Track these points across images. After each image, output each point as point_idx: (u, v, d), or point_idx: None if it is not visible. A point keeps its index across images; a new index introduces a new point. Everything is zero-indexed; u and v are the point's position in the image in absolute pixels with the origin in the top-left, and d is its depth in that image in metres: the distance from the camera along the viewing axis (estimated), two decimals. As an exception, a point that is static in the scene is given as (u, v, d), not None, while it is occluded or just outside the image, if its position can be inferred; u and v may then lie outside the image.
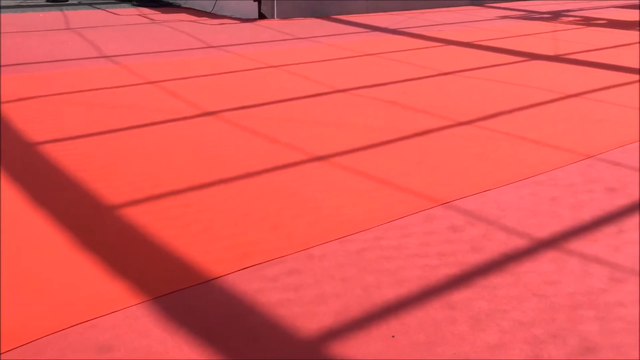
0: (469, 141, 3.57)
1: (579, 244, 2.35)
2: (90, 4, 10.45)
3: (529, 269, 2.15)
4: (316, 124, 3.88)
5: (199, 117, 4.01)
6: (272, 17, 8.86)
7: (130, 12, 9.49)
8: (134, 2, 10.65)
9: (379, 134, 3.68)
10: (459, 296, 1.98)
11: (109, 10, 9.74)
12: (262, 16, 8.80)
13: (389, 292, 2.00)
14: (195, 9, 9.91)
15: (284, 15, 8.94)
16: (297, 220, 2.54)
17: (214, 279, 2.07)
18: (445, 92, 4.72)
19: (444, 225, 2.51)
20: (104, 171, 3.05)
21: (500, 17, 9.19)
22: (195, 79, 5.11)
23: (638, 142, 3.52)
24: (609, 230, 2.46)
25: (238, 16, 9.06)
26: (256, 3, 8.75)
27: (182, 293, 1.98)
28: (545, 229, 2.48)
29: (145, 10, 9.75)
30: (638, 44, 6.72)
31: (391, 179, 2.99)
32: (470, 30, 7.88)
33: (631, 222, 2.54)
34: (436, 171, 3.11)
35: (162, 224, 2.47)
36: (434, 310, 1.90)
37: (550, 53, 6.25)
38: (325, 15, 9.19)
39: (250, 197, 2.76)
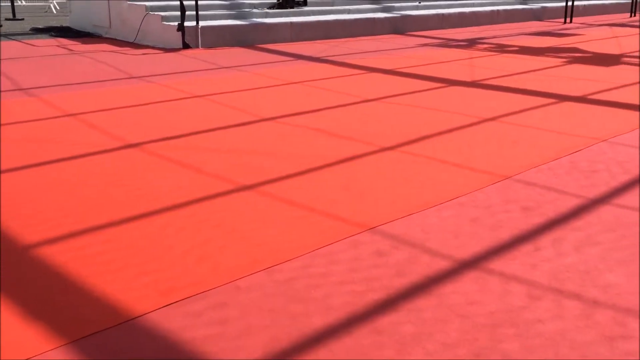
0: (394, 166, 3.65)
1: (498, 263, 2.43)
2: (5, 35, 10.06)
3: (452, 290, 2.21)
4: (242, 153, 3.87)
5: (121, 150, 3.91)
6: (197, 46, 8.82)
7: (48, 43, 9.20)
8: (52, 33, 10.35)
9: (305, 162, 3.70)
10: (386, 321, 2.00)
11: (26, 41, 9.41)
12: (186, 46, 8.74)
13: (317, 321, 1.99)
14: (117, 39, 9.72)
15: (208, 45, 8.92)
16: (223, 251, 2.51)
17: (136, 317, 2.00)
18: (369, 118, 4.82)
19: (370, 251, 2.54)
20: (20, 209, 2.91)
21: (420, 45, 9.52)
22: (117, 110, 4.99)
23: (550, 163, 3.70)
24: (526, 249, 2.57)
25: (161, 46, 8.95)
26: (180, 32, 8.68)
27: (102, 334, 1.90)
28: (467, 250, 2.55)
29: (64, 41, 9.48)
30: (547, 69, 7.11)
31: (318, 207, 3.00)
32: (392, 57, 8.11)
33: (546, 239, 2.66)
34: (362, 197, 3.16)
35: (82, 262, 2.37)
36: (361, 336, 1.91)
37: (468, 79, 6.51)
38: (250, 45, 9.23)
39: (174, 230, 2.70)
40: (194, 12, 8.81)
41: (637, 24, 13.14)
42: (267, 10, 10.26)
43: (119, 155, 3.81)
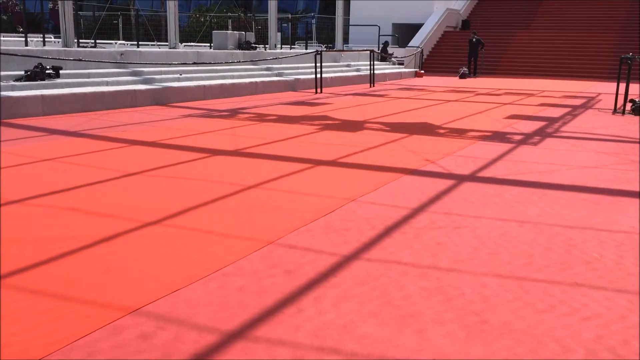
0: (157, 241, 3.55)
1: (265, 330, 2.48)
2: None
3: (220, 365, 2.18)
4: (-18, 242, 3.44)
5: None
6: None
7: None
8: None
9: (59, 246, 3.42)
10: (151, 410, 1.89)
11: None
12: None
13: None
14: None
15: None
16: (-44, 361, 2.16)
17: None
18: (131, 193, 4.66)
19: (133, 335, 2.40)
20: None
21: (183, 115, 9.59)
22: None
23: (309, 225, 3.94)
24: (290, 311, 2.66)
25: None
26: None
27: None
28: (234, 321, 2.56)
29: None
30: (303, 136, 7.66)
31: (74, 294, 2.78)
32: (154, 129, 8.03)
33: (308, 299, 2.79)
34: (124, 277, 3.00)
35: None
36: None
37: (230, 148, 6.71)
38: (-6, 119, 8.39)
39: None
40: None
41: (376, 93, 14.93)
42: (14, 83, 9.48)
43: None
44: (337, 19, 21.65)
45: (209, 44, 19.14)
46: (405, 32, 28.26)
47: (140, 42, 21.10)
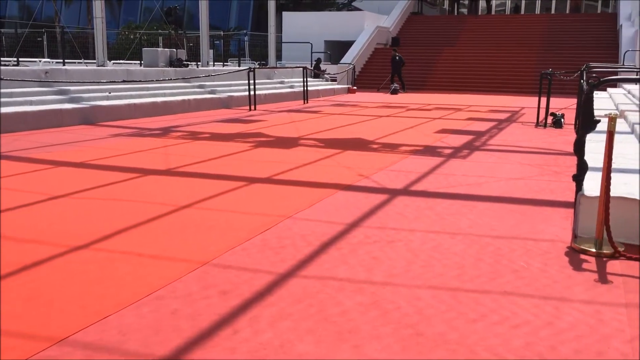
0: (86, 266, 3.42)
1: (200, 353, 2.42)
2: None
3: (153, 393, 2.11)
4: None
5: None
6: None
7: None
8: None
9: (-22, 275, 3.24)
10: None
11: None
12: None
13: None
14: None
15: None
16: None
17: None
18: (57, 217, 4.48)
19: (60, 366, 2.30)
20: None
21: (113, 135, 9.34)
22: None
23: (244, 243, 3.90)
24: (225, 333, 2.62)
25: None
26: None
27: None
28: (167, 346, 2.49)
29: None
30: (237, 154, 7.60)
31: (-5, 326, 2.63)
32: (82, 149, 7.78)
33: (243, 320, 2.75)
34: (50, 306, 2.87)
35: None
36: None
37: (162, 167, 6.57)
38: None
39: None
40: None
41: (310, 109, 15.04)
42: None
43: None
44: (270, 36, 21.74)
45: (139, 62, 18.77)
46: (337, 49, 28.67)
47: (66, 60, 20.46)
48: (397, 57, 23.36)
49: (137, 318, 2.76)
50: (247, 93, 15.02)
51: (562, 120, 10.92)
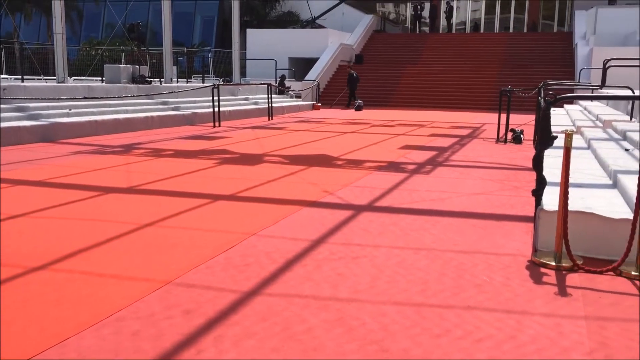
0: (44, 287, 3.34)
1: (162, 375, 2.38)
2: None
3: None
4: None
5: None
6: None
7: None
8: None
9: None
10: None
11: None
12: None
13: None
14: None
15: None
16: None
17: None
18: (14, 237, 4.36)
19: (16, 392, 2.22)
20: None
21: (73, 152, 9.17)
22: None
23: (208, 262, 3.86)
24: (188, 353, 2.58)
25: None
26: None
27: None
28: (128, 368, 2.44)
29: None
30: (201, 171, 7.54)
31: (-53, 351, 2.53)
32: (41, 168, 7.61)
33: (207, 340, 2.71)
34: (7, 328, 2.78)
35: None
36: None
37: (124, 185, 6.47)
38: None
39: None
40: None
41: (275, 126, 15.04)
42: None
43: None
44: (234, 52, 21.72)
45: (100, 78, 18.51)
46: (301, 66, 28.81)
47: (25, 77, 20.06)
48: (354, 75, 23.87)
49: (97, 340, 2.69)
50: (211, 110, 14.94)
51: (522, 136, 11.17)
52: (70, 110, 12.22)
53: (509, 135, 11.32)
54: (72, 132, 11.26)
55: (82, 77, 21.57)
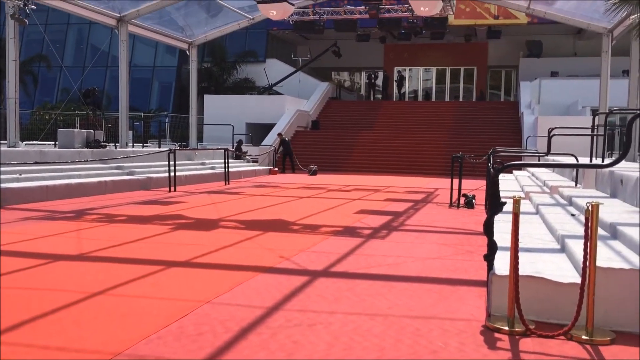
0: (-16, 362, 3.17)
1: None
2: None
3: None
4: None
5: None
6: None
7: None
8: None
9: None
10: None
11: None
12: None
13: None
14: None
15: None
16: None
17: None
18: (-46, 308, 4.16)
19: None
20: None
21: (21, 219, 8.91)
22: None
23: (160, 331, 3.75)
24: None
25: None
26: None
27: None
28: None
29: None
30: (155, 237, 7.42)
31: None
32: (-13, 234, 7.34)
33: (157, 415, 2.61)
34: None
35: None
36: None
37: (74, 252, 6.30)
38: None
39: None
40: None
41: (231, 191, 15.01)
42: None
43: None
44: (191, 118, 21.83)
45: (54, 143, 18.25)
46: (258, 131, 29.10)
47: (-26, 140, 19.61)
48: (287, 139, 24.78)
49: (39, 418, 2.56)
50: (167, 174, 14.84)
51: (474, 201, 11.45)
52: (20, 175, 11.95)
53: (462, 200, 11.59)
54: (22, 197, 10.97)
55: (35, 142, 21.23)
